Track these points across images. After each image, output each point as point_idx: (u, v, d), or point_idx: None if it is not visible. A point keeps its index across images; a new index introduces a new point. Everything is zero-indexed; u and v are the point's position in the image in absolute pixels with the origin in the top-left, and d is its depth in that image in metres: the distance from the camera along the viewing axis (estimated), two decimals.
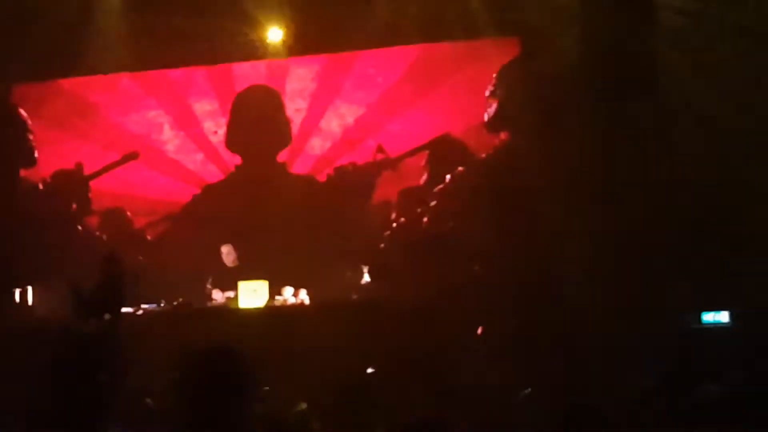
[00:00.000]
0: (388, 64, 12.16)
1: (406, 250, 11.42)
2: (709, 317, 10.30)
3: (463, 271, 11.00)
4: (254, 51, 12.18)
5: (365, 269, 11.48)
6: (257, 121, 12.44)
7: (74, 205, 12.69)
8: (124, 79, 12.54)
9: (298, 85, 12.45)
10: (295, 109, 12.43)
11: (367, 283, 11.48)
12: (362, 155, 12.19)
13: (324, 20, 11.63)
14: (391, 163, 12.00)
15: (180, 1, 11.59)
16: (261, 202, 12.14)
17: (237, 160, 12.60)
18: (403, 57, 12.05)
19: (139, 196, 12.56)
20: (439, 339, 9.81)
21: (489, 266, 10.86)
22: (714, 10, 10.32)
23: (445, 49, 11.95)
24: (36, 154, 12.75)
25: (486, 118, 11.87)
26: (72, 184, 12.63)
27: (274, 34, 11.98)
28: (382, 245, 11.86)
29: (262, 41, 12.05)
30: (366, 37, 11.60)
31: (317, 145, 12.42)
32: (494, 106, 11.82)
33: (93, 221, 12.65)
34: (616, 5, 10.11)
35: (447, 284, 10.74)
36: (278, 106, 12.45)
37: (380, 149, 12.01)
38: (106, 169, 12.59)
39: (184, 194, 12.59)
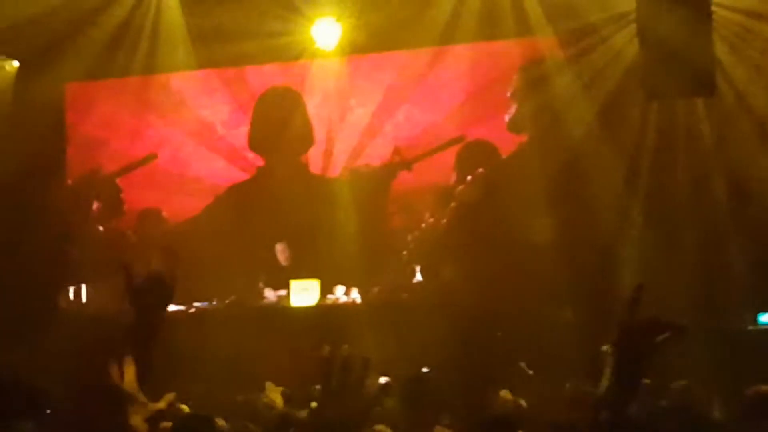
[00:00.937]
0: (440, 64, 12.05)
1: (458, 250, 11.33)
2: (766, 318, 10.12)
3: (515, 269, 10.88)
4: (303, 51, 12.16)
5: (417, 268, 11.45)
6: (283, 122, 12.40)
7: (99, 205, 12.75)
8: (175, 78, 12.56)
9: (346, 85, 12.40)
10: (348, 107, 12.35)
11: (419, 283, 11.45)
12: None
13: (376, 19, 11.61)
14: (406, 165, 11.96)
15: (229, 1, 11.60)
16: (308, 202, 12.13)
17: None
18: (455, 56, 11.92)
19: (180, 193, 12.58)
20: (491, 338, 9.76)
21: (542, 263, 10.72)
22: None
23: (496, 48, 11.86)
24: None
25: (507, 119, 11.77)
26: (99, 183, 12.70)
27: (325, 33, 11.93)
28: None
29: (312, 41, 12.01)
30: (418, 36, 11.55)
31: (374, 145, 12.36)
32: (514, 107, 11.74)
33: (126, 221, 12.67)
34: (671, 4, 9.95)
35: (500, 283, 10.67)
36: (299, 107, 12.42)
37: (396, 151, 11.97)
38: (126, 169, 12.63)
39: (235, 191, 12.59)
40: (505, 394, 5.24)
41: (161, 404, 4.08)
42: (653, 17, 9.85)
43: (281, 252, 12.00)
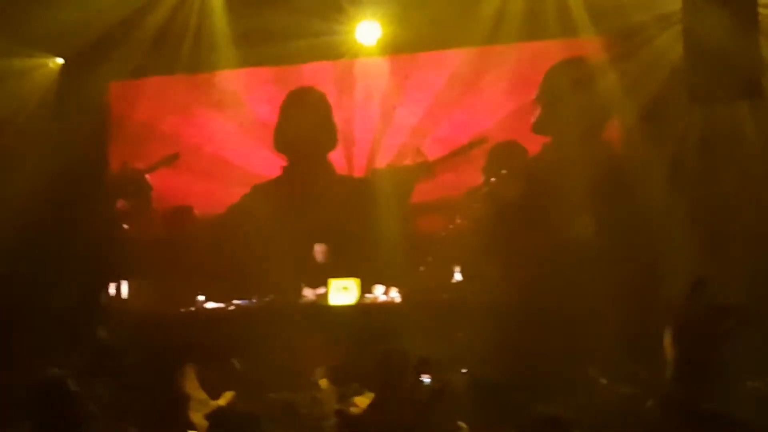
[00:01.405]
0: (480, 65, 12.02)
1: (497, 249, 11.31)
2: None
3: (555, 268, 10.85)
4: (344, 50, 12.19)
5: (457, 269, 11.44)
6: (308, 123, 12.48)
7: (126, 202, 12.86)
8: (220, 77, 12.62)
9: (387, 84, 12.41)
10: (390, 106, 12.36)
11: (459, 282, 11.45)
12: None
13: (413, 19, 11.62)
14: (429, 167, 11.96)
15: (275, 1, 11.65)
16: (335, 202, 12.17)
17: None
18: (498, 57, 11.89)
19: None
20: (532, 338, 9.73)
21: (582, 263, 10.69)
22: None
23: (540, 48, 11.82)
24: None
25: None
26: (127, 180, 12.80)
27: (367, 33, 11.95)
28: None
29: (352, 40, 12.04)
30: (460, 36, 11.54)
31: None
32: (539, 109, 11.72)
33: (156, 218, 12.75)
34: (718, 6, 9.86)
35: (541, 282, 10.64)
36: (324, 108, 12.46)
37: (418, 152, 11.99)
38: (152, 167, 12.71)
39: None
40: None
41: (221, 401, 4.13)
42: (699, 18, 9.78)
43: (320, 252, 12.03)
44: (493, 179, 11.82)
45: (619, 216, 10.77)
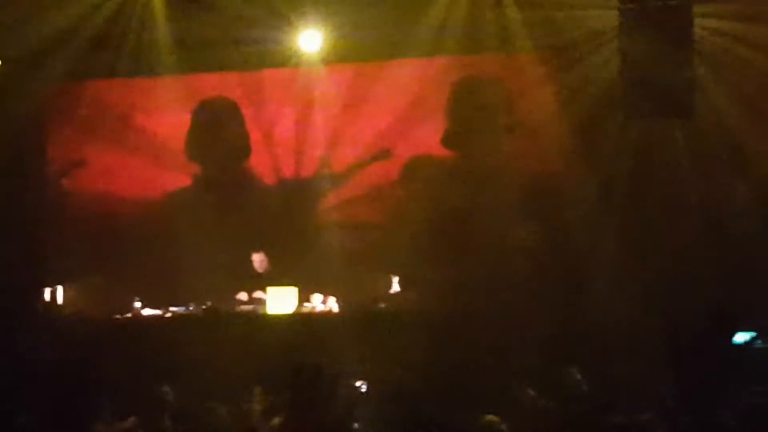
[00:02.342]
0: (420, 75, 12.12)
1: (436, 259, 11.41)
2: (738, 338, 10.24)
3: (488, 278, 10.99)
4: (287, 59, 12.22)
5: (395, 279, 11.52)
6: (218, 131, 12.64)
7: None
8: (157, 83, 12.59)
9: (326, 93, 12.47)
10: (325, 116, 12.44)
11: (397, 293, 11.53)
12: None
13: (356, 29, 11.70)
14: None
15: (216, 8, 11.63)
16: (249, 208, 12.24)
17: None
18: (436, 69, 12.01)
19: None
20: (469, 349, 9.83)
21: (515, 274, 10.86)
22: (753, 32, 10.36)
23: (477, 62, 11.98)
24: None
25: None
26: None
27: (309, 42, 12.00)
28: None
29: (296, 49, 12.08)
30: (399, 47, 11.64)
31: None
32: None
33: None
34: (653, 26, 10.06)
35: (478, 292, 10.77)
36: (236, 117, 12.62)
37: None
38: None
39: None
40: (490, 419, 5.27)
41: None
42: (634, 37, 10.00)
43: (259, 261, 12.04)
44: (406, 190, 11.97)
45: (546, 230, 10.96)
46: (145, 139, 12.73)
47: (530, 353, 9.34)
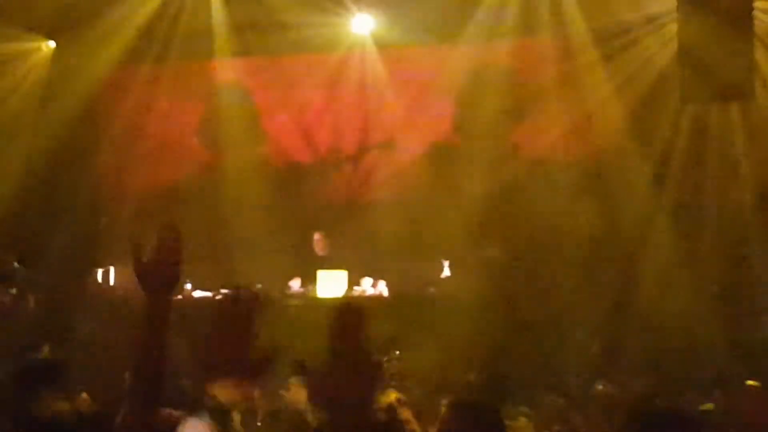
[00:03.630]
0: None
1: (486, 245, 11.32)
2: None
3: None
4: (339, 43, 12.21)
5: (446, 263, 11.42)
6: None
7: None
8: (213, 66, 12.62)
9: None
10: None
11: (447, 277, 11.43)
12: None
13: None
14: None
15: None
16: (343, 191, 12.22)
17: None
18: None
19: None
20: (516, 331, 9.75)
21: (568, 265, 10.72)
22: None
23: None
24: None
25: None
26: None
27: (359, 25, 11.98)
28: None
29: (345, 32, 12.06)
30: (450, 33, 11.55)
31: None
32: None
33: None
34: (711, 8, 9.85)
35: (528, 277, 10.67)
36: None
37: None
38: None
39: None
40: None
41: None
42: (692, 20, 9.80)
43: (317, 241, 11.96)
44: None
45: (601, 217, 10.80)
46: (194, 122, 12.79)
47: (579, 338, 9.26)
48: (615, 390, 7.42)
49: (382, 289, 11.36)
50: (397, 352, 8.72)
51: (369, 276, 11.43)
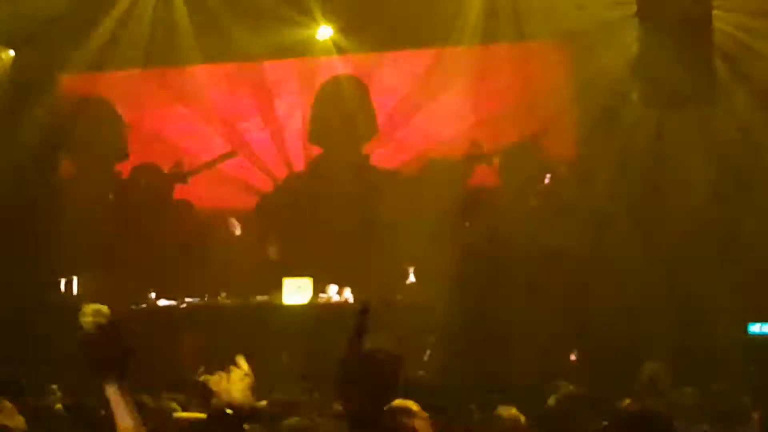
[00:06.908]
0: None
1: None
2: (755, 328, 10.15)
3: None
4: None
5: (411, 270, 11.44)
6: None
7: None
8: (175, 73, 12.57)
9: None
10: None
11: (412, 284, 11.46)
12: None
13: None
14: None
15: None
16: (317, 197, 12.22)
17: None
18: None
19: None
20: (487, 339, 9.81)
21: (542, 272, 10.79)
22: None
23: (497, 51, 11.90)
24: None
25: None
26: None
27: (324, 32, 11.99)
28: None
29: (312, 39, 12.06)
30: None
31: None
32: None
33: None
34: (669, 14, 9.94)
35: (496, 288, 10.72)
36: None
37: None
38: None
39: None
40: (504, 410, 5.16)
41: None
42: (651, 25, 9.91)
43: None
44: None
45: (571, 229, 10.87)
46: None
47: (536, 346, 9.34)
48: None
49: (348, 295, 11.37)
50: None
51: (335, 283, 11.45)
